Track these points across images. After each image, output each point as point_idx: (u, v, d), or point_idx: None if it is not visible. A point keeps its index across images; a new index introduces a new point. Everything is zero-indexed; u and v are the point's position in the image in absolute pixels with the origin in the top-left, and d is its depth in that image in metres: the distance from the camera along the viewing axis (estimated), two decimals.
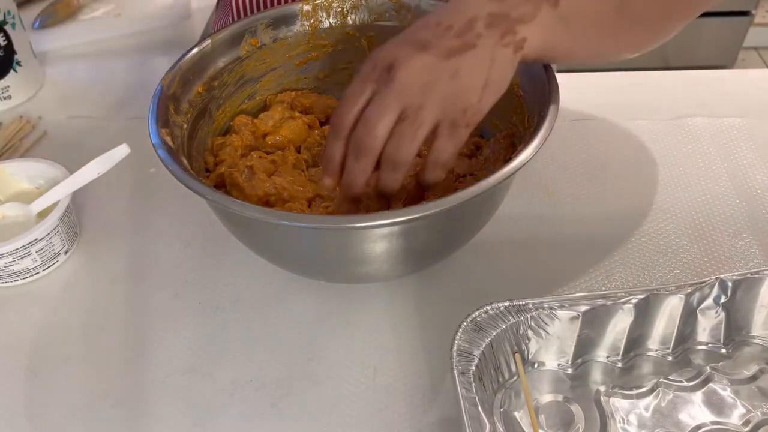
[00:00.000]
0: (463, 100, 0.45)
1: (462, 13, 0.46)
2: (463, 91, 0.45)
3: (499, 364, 0.48)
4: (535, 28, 0.46)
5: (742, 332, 0.51)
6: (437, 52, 0.45)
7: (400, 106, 0.45)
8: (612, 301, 0.48)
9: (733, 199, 0.64)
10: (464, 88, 0.45)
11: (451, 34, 0.45)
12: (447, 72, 0.45)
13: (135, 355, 0.54)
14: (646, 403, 0.48)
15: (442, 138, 0.46)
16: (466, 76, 0.45)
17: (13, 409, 0.51)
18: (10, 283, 0.60)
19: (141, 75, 0.85)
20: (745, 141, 0.70)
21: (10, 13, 0.77)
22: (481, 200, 0.47)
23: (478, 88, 0.45)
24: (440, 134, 0.46)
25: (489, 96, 0.46)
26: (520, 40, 0.46)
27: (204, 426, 0.50)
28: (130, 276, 0.60)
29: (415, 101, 0.45)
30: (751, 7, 1.98)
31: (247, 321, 0.56)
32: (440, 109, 0.45)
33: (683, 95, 0.76)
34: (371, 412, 0.50)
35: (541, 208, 0.64)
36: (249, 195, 0.56)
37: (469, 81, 0.45)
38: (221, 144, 0.62)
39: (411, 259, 0.53)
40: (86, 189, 0.62)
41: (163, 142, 0.51)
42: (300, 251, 0.52)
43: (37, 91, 0.84)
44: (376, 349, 0.54)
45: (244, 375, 0.53)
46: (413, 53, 0.45)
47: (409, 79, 0.45)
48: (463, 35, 0.45)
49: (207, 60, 0.61)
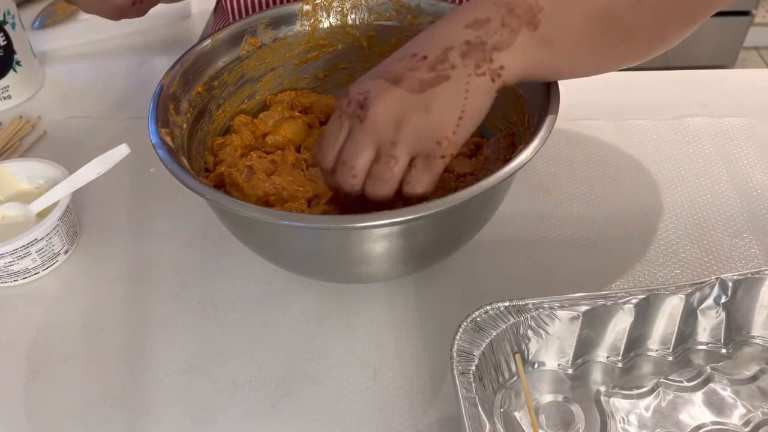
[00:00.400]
0: (436, 134, 0.45)
1: (437, 43, 0.45)
2: (436, 124, 0.44)
3: (499, 364, 0.48)
4: (513, 54, 0.45)
5: (742, 332, 0.51)
6: (409, 86, 0.44)
7: (374, 143, 0.45)
8: (612, 301, 0.48)
9: (733, 199, 0.64)
10: (437, 121, 0.44)
11: (425, 66, 0.44)
12: (419, 106, 0.44)
13: (135, 355, 0.54)
14: (647, 403, 0.48)
15: (417, 170, 0.46)
16: (438, 109, 0.44)
17: (13, 409, 0.51)
18: (10, 283, 0.60)
19: (141, 75, 0.86)
20: (745, 141, 0.70)
21: (10, 13, 0.77)
22: (481, 200, 0.47)
23: (452, 120, 0.45)
24: (415, 166, 0.46)
25: (465, 127, 0.45)
26: (498, 68, 0.45)
27: (204, 426, 0.50)
28: (130, 276, 0.60)
29: (387, 138, 0.45)
30: (751, 7, 1.98)
31: (247, 321, 0.56)
32: (413, 144, 0.45)
33: (683, 95, 0.76)
34: (371, 412, 0.50)
35: (541, 208, 0.64)
36: (249, 195, 0.56)
37: (442, 114, 0.44)
38: (221, 144, 0.62)
39: (411, 259, 0.53)
40: (86, 189, 0.62)
41: (163, 142, 0.51)
42: (300, 251, 0.52)
43: (37, 91, 0.84)
44: (376, 349, 0.54)
45: (244, 375, 0.53)
46: (386, 88, 0.44)
47: (381, 116, 0.44)
48: (436, 66, 0.44)
49: (207, 60, 0.61)
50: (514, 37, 0.45)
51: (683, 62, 2.06)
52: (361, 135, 0.45)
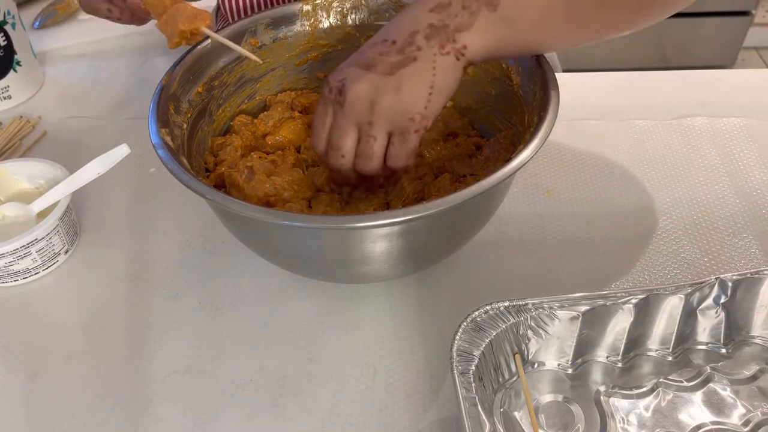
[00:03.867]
0: (408, 111, 0.48)
1: (404, 28, 0.49)
2: (407, 102, 0.48)
3: (499, 364, 0.48)
4: (474, 34, 0.48)
5: (742, 332, 0.51)
6: (380, 69, 0.48)
7: (354, 124, 0.50)
8: (612, 301, 0.48)
9: (733, 199, 0.64)
10: (408, 99, 0.48)
11: (394, 50, 0.49)
12: (390, 87, 0.48)
13: (135, 355, 0.54)
14: (646, 403, 0.48)
15: (395, 146, 0.50)
16: (408, 88, 0.48)
17: (13, 409, 0.51)
18: (10, 283, 0.60)
19: (141, 75, 0.86)
20: (745, 141, 0.70)
21: (10, 13, 0.77)
22: (481, 200, 0.47)
23: (423, 96, 0.48)
24: (393, 142, 0.50)
25: (435, 102, 0.49)
26: (461, 47, 0.48)
27: (204, 426, 0.50)
28: (130, 276, 0.61)
29: (365, 119, 0.49)
30: (751, 7, 1.98)
31: (247, 321, 0.56)
32: (388, 121, 0.49)
33: (683, 95, 0.76)
34: (371, 412, 0.50)
35: (541, 208, 0.64)
36: (249, 196, 0.56)
37: (412, 92, 0.48)
38: (221, 144, 0.62)
39: (411, 259, 0.53)
40: (86, 189, 0.62)
41: (163, 142, 0.51)
42: (300, 251, 0.52)
43: (37, 91, 0.84)
44: (376, 349, 0.54)
45: (244, 375, 0.53)
46: (360, 74, 0.48)
47: (358, 100, 0.48)
48: (404, 49, 0.48)
49: (207, 60, 0.61)
50: (474, 18, 0.48)
51: (683, 62, 2.06)
52: (342, 119, 0.50)
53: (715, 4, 1.95)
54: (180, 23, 0.57)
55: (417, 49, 0.48)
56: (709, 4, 1.94)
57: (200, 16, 0.58)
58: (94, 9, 0.66)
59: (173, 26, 0.58)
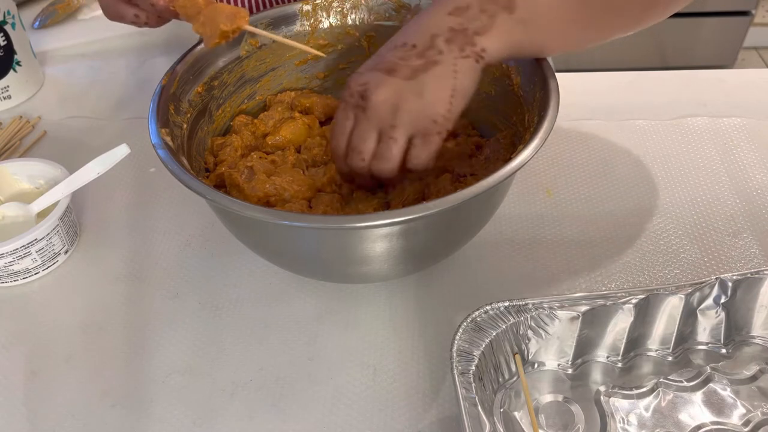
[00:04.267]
0: (431, 114, 0.49)
1: (424, 32, 0.50)
2: (429, 105, 0.49)
3: (499, 364, 0.48)
4: (493, 37, 0.49)
5: (742, 332, 0.51)
6: (402, 74, 0.49)
7: (376, 128, 0.50)
8: (612, 301, 0.48)
9: (733, 199, 0.64)
10: (431, 102, 0.49)
11: (414, 54, 0.49)
12: (413, 91, 0.48)
13: (135, 355, 0.54)
14: (646, 403, 0.48)
15: (416, 148, 0.50)
16: (431, 92, 0.48)
17: (13, 409, 0.51)
18: (10, 283, 0.60)
19: (141, 75, 0.85)
20: (745, 141, 0.70)
21: (10, 13, 0.77)
22: (481, 200, 0.47)
23: (445, 99, 0.49)
24: (414, 144, 0.50)
25: (457, 104, 0.49)
26: (480, 50, 0.49)
27: (204, 426, 0.50)
28: (130, 276, 0.61)
29: (387, 123, 0.49)
30: (751, 7, 1.98)
31: (247, 321, 0.56)
32: (410, 125, 0.49)
33: (683, 95, 0.76)
34: (371, 412, 0.50)
35: (541, 208, 0.64)
36: (249, 196, 0.56)
37: (434, 95, 0.49)
38: (221, 144, 0.62)
39: (411, 259, 0.53)
40: (86, 189, 0.62)
41: (163, 142, 0.51)
42: (300, 251, 0.52)
43: (37, 91, 0.84)
44: (376, 349, 0.54)
45: (244, 375, 0.53)
46: (382, 79, 0.49)
47: (381, 104, 0.49)
48: (425, 53, 0.49)
49: (207, 60, 0.61)
50: (492, 22, 0.49)
51: (683, 62, 2.06)
52: (365, 123, 0.50)
53: (715, 4, 1.95)
54: (221, 24, 0.57)
55: (438, 53, 0.49)
56: (709, 4, 1.94)
57: (239, 14, 0.58)
58: (118, 15, 0.64)
59: (213, 27, 0.58)
